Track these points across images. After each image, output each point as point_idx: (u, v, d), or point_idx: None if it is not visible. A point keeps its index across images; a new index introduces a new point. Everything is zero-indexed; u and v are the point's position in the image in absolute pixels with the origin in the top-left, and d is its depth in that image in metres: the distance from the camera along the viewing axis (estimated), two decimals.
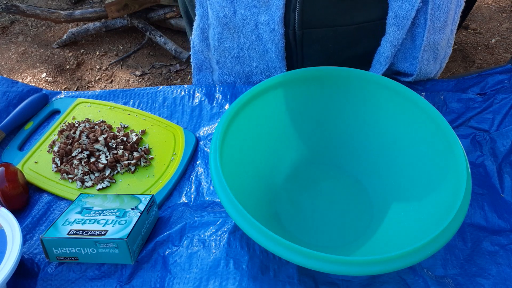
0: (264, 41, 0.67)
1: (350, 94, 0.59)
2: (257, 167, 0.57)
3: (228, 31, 0.68)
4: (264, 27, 0.65)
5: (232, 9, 0.65)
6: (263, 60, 0.70)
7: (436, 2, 0.60)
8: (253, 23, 0.65)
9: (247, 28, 0.66)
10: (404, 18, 0.60)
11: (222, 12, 0.65)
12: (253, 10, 0.64)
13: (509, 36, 2.19)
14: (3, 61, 2.20)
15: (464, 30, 2.27)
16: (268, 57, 0.69)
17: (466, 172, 0.47)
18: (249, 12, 0.64)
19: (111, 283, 0.50)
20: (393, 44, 0.63)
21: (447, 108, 0.67)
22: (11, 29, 2.41)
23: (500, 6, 2.39)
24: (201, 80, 0.78)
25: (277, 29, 0.64)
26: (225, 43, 0.69)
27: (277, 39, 0.65)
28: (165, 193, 0.59)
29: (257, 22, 0.65)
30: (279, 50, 0.67)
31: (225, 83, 0.76)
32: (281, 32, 0.64)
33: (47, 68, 2.15)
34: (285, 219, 0.56)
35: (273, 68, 0.70)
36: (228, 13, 0.65)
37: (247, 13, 0.64)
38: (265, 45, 0.67)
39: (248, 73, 0.73)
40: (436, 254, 0.51)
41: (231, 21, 0.66)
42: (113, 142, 0.64)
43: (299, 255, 0.41)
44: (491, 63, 2.01)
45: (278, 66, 0.69)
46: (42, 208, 0.59)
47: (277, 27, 0.64)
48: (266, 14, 0.63)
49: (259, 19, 0.64)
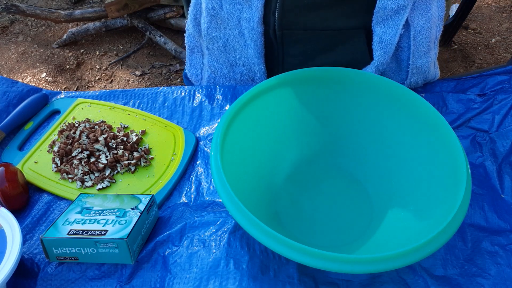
0: (245, 37, 0.69)
1: (350, 94, 0.59)
2: (257, 167, 0.57)
3: (215, 21, 0.71)
4: (245, 24, 0.67)
5: (220, 3, 0.68)
6: (244, 53, 0.72)
7: (417, 28, 0.63)
8: (236, 18, 0.68)
9: (231, 22, 0.69)
10: (388, 43, 0.63)
11: (210, 4, 0.69)
12: (236, 6, 0.67)
13: (509, 36, 2.19)
14: (3, 61, 2.20)
15: (464, 30, 2.27)
16: (248, 52, 0.71)
17: (466, 172, 0.47)
18: (233, 8, 0.67)
19: (111, 283, 0.50)
20: (378, 68, 0.66)
21: (447, 108, 0.67)
22: (11, 29, 2.41)
23: (500, 6, 2.39)
24: (193, 62, 0.81)
25: (256, 28, 0.67)
26: (213, 32, 0.72)
27: (256, 37, 0.68)
28: (165, 193, 0.59)
29: (240, 18, 0.68)
30: (257, 47, 0.69)
31: (224, 84, 0.76)
32: (259, 31, 0.67)
33: (47, 68, 2.15)
34: (285, 219, 0.56)
35: (253, 63, 0.73)
36: (216, 6, 0.68)
37: (232, 8, 0.67)
38: (246, 41, 0.70)
39: (232, 63, 0.76)
40: (436, 254, 0.51)
41: (218, 13, 0.69)
42: (113, 142, 0.64)
43: (300, 253, 0.41)
44: (491, 63, 2.01)
45: (256, 62, 0.72)
46: (42, 208, 0.59)
47: (256, 26, 0.67)
48: (247, 12, 0.66)
49: (242, 15, 0.67)
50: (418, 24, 0.63)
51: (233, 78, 0.77)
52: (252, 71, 0.74)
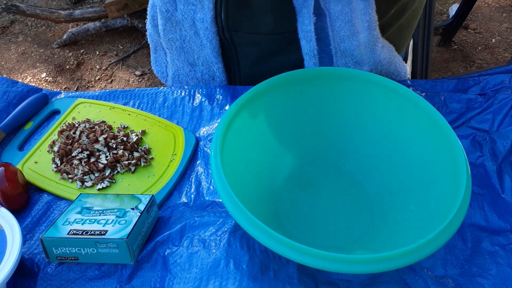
0: (200, 37, 0.70)
1: (350, 94, 0.59)
2: (257, 167, 0.57)
3: (170, 24, 0.71)
4: (200, 24, 0.68)
5: (174, 4, 0.69)
6: (202, 53, 0.73)
7: (333, 14, 0.63)
8: (191, 19, 0.69)
9: (186, 23, 0.70)
10: (308, 32, 0.64)
11: (164, 7, 0.69)
12: (190, 7, 0.67)
13: (509, 36, 2.19)
14: (3, 61, 2.20)
15: (464, 30, 2.27)
16: (205, 51, 0.72)
17: (466, 172, 0.47)
18: (188, 9, 0.68)
19: (111, 283, 0.50)
20: (309, 55, 0.67)
21: (447, 108, 0.67)
22: (11, 29, 2.41)
23: (500, 6, 2.39)
24: (157, 59, 0.82)
25: (210, 28, 0.68)
26: (169, 34, 0.73)
27: (211, 36, 0.69)
28: (165, 193, 0.59)
29: (194, 19, 0.68)
30: (213, 47, 0.70)
31: (224, 85, 0.76)
32: (213, 31, 0.68)
33: (47, 68, 2.15)
34: (285, 219, 0.56)
35: (211, 62, 0.73)
36: (170, 8, 0.69)
37: (186, 9, 0.68)
38: (202, 41, 0.71)
39: (192, 63, 0.76)
40: (436, 254, 0.51)
41: (173, 15, 0.70)
42: (113, 142, 0.64)
43: (300, 253, 0.41)
44: (491, 63, 2.01)
45: (214, 62, 0.73)
46: (42, 208, 0.59)
47: (210, 26, 0.67)
48: (201, 12, 0.67)
49: (196, 16, 0.68)
50: (334, 10, 0.63)
51: (195, 77, 0.78)
52: (211, 70, 0.75)
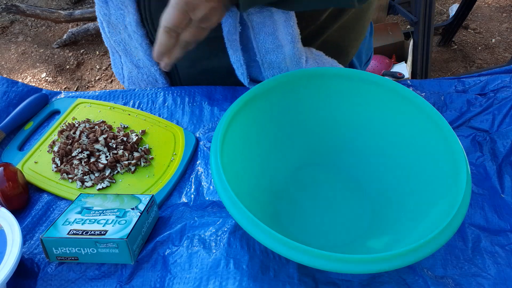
0: (134, 40, 0.70)
1: (350, 94, 0.59)
2: (257, 167, 0.57)
3: (111, 26, 0.72)
4: (129, 28, 0.68)
5: (108, 9, 0.69)
6: (140, 56, 0.73)
7: (256, 26, 0.63)
8: (123, 23, 0.69)
9: (120, 27, 0.70)
10: (234, 41, 0.64)
11: (102, 11, 0.70)
12: (120, 12, 0.68)
13: (509, 36, 2.19)
14: (3, 61, 2.20)
15: (464, 30, 2.27)
16: (141, 53, 0.72)
17: (466, 172, 0.47)
18: (118, 13, 0.68)
19: (111, 283, 0.50)
20: (237, 64, 0.67)
21: (447, 108, 0.67)
22: (11, 29, 2.41)
23: (500, 6, 2.39)
24: (115, 62, 0.82)
25: (137, 31, 0.68)
26: (113, 36, 0.74)
27: (140, 39, 0.69)
28: (165, 193, 0.59)
29: (125, 23, 0.69)
30: (144, 50, 0.70)
31: (224, 85, 0.76)
32: (141, 34, 0.68)
33: (47, 68, 2.15)
34: (285, 219, 0.56)
35: (148, 65, 0.73)
36: (106, 12, 0.69)
37: (117, 14, 0.68)
38: (134, 44, 0.71)
39: (136, 65, 0.76)
40: (436, 254, 0.51)
41: (110, 19, 0.70)
42: (113, 142, 0.64)
43: (300, 253, 0.41)
44: (491, 63, 2.02)
45: (149, 64, 0.72)
46: (42, 208, 0.59)
47: (136, 29, 0.67)
48: (128, 16, 0.67)
49: (125, 20, 0.68)
50: (256, 22, 0.62)
51: (142, 79, 0.78)
52: (151, 72, 0.74)
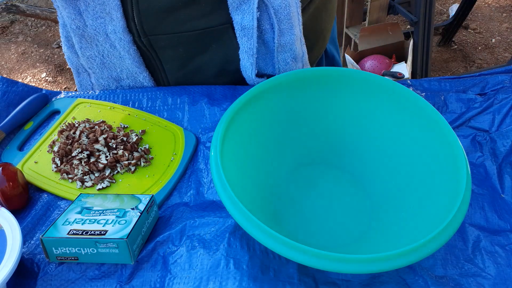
0: (118, 49, 0.68)
1: (350, 94, 0.59)
2: (257, 167, 0.57)
3: (85, 40, 0.69)
4: (113, 36, 0.66)
5: (82, 21, 0.66)
6: (124, 65, 0.71)
7: (275, 7, 0.63)
8: (103, 32, 0.67)
9: (100, 38, 0.68)
10: (249, 28, 0.63)
11: (74, 24, 0.67)
12: (100, 21, 0.66)
13: (509, 36, 2.19)
14: (3, 61, 2.20)
15: (464, 30, 2.27)
16: (126, 63, 0.70)
17: (466, 172, 0.47)
18: (97, 23, 0.66)
19: (111, 283, 0.50)
20: (249, 54, 0.66)
21: (447, 108, 0.67)
22: (11, 29, 2.41)
23: (500, 6, 2.39)
24: (82, 83, 0.78)
25: (124, 38, 0.66)
26: (86, 51, 0.71)
27: (128, 46, 0.67)
28: (165, 193, 0.59)
29: (106, 32, 0.67)
30: (132, 57, 0.69)
31: (224, 85, 0.76)
32: (128, 40, 0.66)
33: (47, 68, 2.15)
34: (285, 219, 0.56)
35: (135, 73, 0.72)
36: (80, 25, 0.67)
37: (96, 24, 0.66)
38: (120, 52, 0.69)
39: (116, 78, 0.74)
40: (436, 254, 0.51)
41: (85, 32, 0.68)
42: (113, 142, 0.64)
43: (300, 253, 0.41)
44: (491, 63, 2.02)
45: (138, 71, 0.71)
46: (42, 208, 0.59)
47: (123, 36, 0.66)
48: (111, 24, 0.65)
49: (107, 28, 0.66)
50: (275, 3, 0.62)
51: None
52: (137, 81, 0.73)
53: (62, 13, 0.67)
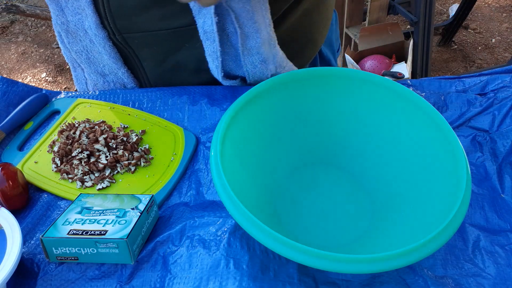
0: (96, 45, 0.69)
1: (350, 94, 0.59)
2: (257, 167, 0.57)
3: (71, 35, 0.70)
4: (90, 32, 0.67)
5: (65, 17, 0.67)
6: (104, 61, 0.72)
7: (236, 12, 0.62)
8: (82, 28, 0.67)
9: (80, 33, 0.68)
10: (211, 33, 0.63)
11: (59, 20, 0.68)
12: (78, 17, 0.66)
13: (509, 36, 2.19)
14: (3, 61, 2.20)
15: (464, 30, 2.27)
16: (105, 59, 0.70)
17: (466, 172, 0.47)
18: (76, 19, 0.66)
19: (111, 283, 0.50)
20: (213, 57, 0.66)
21: (447, 108, 0.67)
22: (11, 29, 2.41)
23: (500, 6, 2.39)
24: (78, 77, 0.80)
25: (98, 34, 0.66)
26: (73, 46, 0.72)
27: (103, 42, 0.67)
28: (165, 193, 0.59)
29: (84, 27, 0.67)
30: (108, 53, 0.68)
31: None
32: (103, 36, 0.66)
33: (47, 68, 2.15)
34: (285, 219, 0.56)
35: (114, 69, 0.72)
36: (64, 20, 0.67)
37: (75, 20, 0.66)
38: (97, 48, 0.69)
39: (101, 73, 0.75)
40: (436, 254, 0.51)
41: (69, 27, 0.68)
42: (113, 142, 0.64)
43: (300, 253, 0.41)
44: (491, 63, 2.02)
45: (116, 67, 0.71)
46: (42, 208, 0.59)
47: (97, 32, 0.66)
48: (86, 20, 0.65)
49: (84, 24, 0.66)
50: (236, 8, 0.62)
51: (108, 88, 0.76)
52: (118, 77, 0.73)
53: (50, 8, 0.68)
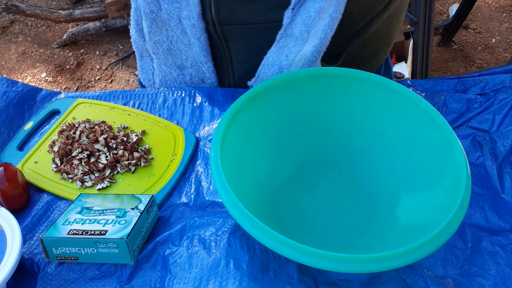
0: (188, 35, 0.68)
1: (350, 94, 0.59)
2: (257, 167, 0.57)
3: (156, 25, 0.69)
4: (186, 22, 0.66)
5: (158, 4, 0.67)
6: (190, 53, 0.71)
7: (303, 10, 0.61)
8: (177, 17, 0.67)
9: (172, 22, 0.68)
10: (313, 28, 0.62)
11: (148, 8, 0.67)
12: (175, 5, 0.66)
13: (509, 36, 2.19)
14: (3, 61, 2.20)
15: (464, 30, 2.27)
16: (194, 51, 0.70)
17: (466, 172, 0.47)
18: (172, 7, 0.66)
19: (111, 283, 0.50)
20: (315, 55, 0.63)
21: (447, 108, 0.67)
22: (11, 29, 2.41)
23: (500, 6, 2.39)
24: (143, 67, 0.79)
25: (197, 25, 0.66)
26: (155, 36, 0.71)
27: (199, 33, 0.67)
28: (165, 193, 0.59)
29: (180, 17, 0.66)
30: (202, 45, 0.68)
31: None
32: (201, 27, 0.66)
33: (47, 68, 2.15)
34: (285, 219, 0.56)
35: (200, 62, 0.72)
36: (154, 8, 0.67)
37: (170, 8, 0.66)
38: (190, 39, 0.69)
39: (180, 65, 0.75)
40: (436, 254, 0.51)
41: (158, 16, 0.68)
42: (113, 142, 0.64)
43: (300, 253, 0.41)
44: (491, 63, 2.02)
45: (204, 61, 0.71)
46: (42, 208, 0.59)
47: (197, 22, 0.65)
48: (186, 10, 0.65)
49: (181, 14, 0.66)
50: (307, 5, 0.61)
51: (183, 81, 0.76)
52: (200, 71, 0.73)
53: None
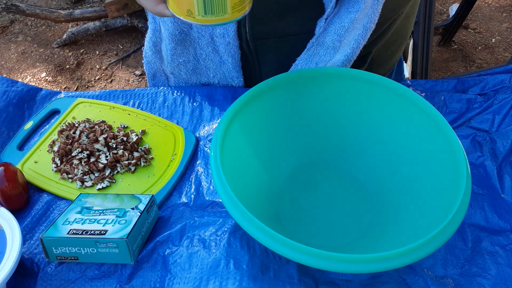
0: (220, 53, 0.69)
1: (350, 94, 0.59)
2: (257, 167, 0.57)
3: (182, 46, 0.70)
4: (219, 40, 0.67)
5: (187, 26, 0.67)
6: (219, 70, 0.72)
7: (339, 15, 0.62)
8: (209, 36, 0.67)
9: (203, 41, 0.68)
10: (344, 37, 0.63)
11: (177, 29, 0.67)
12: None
13: (509, 35, 2.19)
14: (3, 60, 2.20)
15: (464, 30, 2.27)
16: (225, 68, 0.71)
17: (466, 172, 0.47)
18: (205, 27, 0.66)
19: (111, 283, 0.50)
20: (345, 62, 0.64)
21: (447, 108, 0.67)
22: (11, 28, 2.41)
23: (500, 6, 2.39)
24: (157, 85, 0.79)
25: (232, 42, 0.66)
26: (179, 57, 0.71)
27: (233, 51, 0.67)
28: (165, 193, 0.59)
29: (213, 35, 0.67)
30: (235, 62, 0.69)
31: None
32: (236, 45, 0.67)
33: (47, 68, 2.15)
34: (285, 219, 0.56)
35: (230, 78, 0.72)
36: (185, 29, 0.67)
37: (203, 27, 0.66)
38: (222, 57, 0.69)
39: (205, 83, 0.75)
40: (436, 254, 0.51)
41: (188, 35, 0.68)
42: (113, 142, 0.64)
43: (300, 253, 0.41)
44: (491, 63, 2.01)
45: (235, 76, 0.72)
46: (42, 208, 0.59)
47: (232, 40, 0.66)
48: (221, 28, 0.66)
49: (215, 32, 0.66)
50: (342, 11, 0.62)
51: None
52: (229, 85, 0.74)
53: (164, 18, 0.67)
